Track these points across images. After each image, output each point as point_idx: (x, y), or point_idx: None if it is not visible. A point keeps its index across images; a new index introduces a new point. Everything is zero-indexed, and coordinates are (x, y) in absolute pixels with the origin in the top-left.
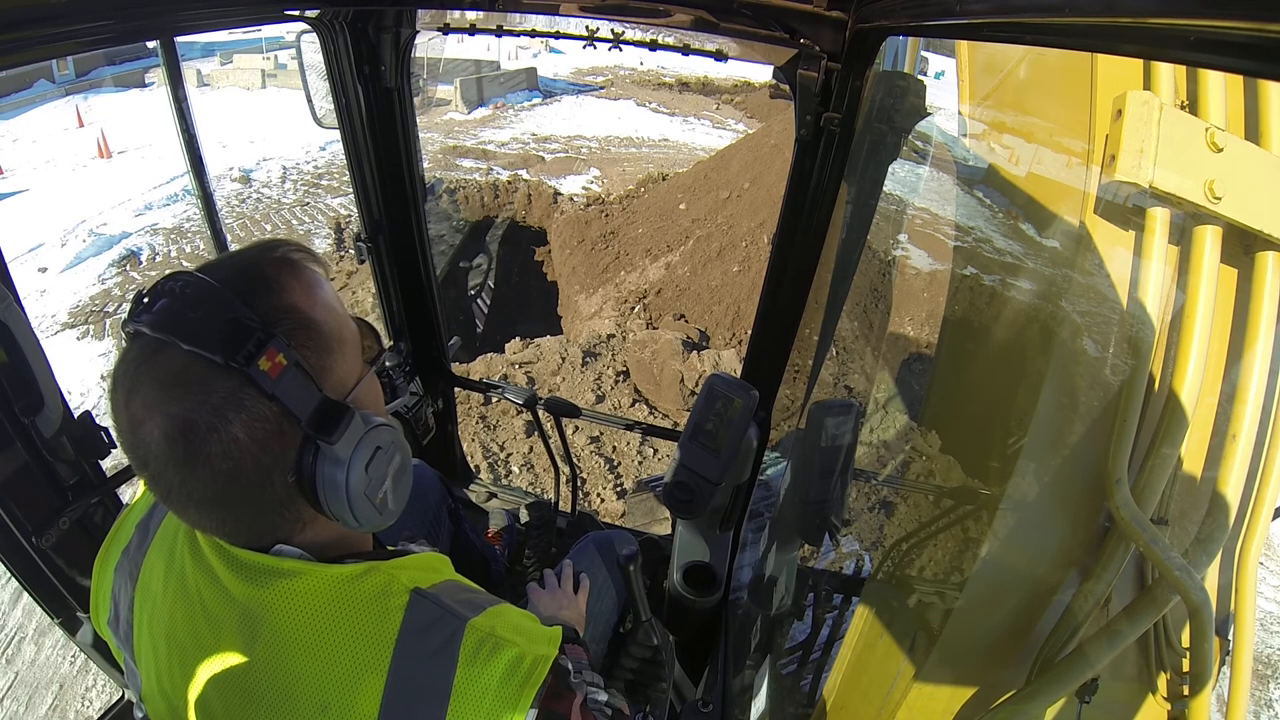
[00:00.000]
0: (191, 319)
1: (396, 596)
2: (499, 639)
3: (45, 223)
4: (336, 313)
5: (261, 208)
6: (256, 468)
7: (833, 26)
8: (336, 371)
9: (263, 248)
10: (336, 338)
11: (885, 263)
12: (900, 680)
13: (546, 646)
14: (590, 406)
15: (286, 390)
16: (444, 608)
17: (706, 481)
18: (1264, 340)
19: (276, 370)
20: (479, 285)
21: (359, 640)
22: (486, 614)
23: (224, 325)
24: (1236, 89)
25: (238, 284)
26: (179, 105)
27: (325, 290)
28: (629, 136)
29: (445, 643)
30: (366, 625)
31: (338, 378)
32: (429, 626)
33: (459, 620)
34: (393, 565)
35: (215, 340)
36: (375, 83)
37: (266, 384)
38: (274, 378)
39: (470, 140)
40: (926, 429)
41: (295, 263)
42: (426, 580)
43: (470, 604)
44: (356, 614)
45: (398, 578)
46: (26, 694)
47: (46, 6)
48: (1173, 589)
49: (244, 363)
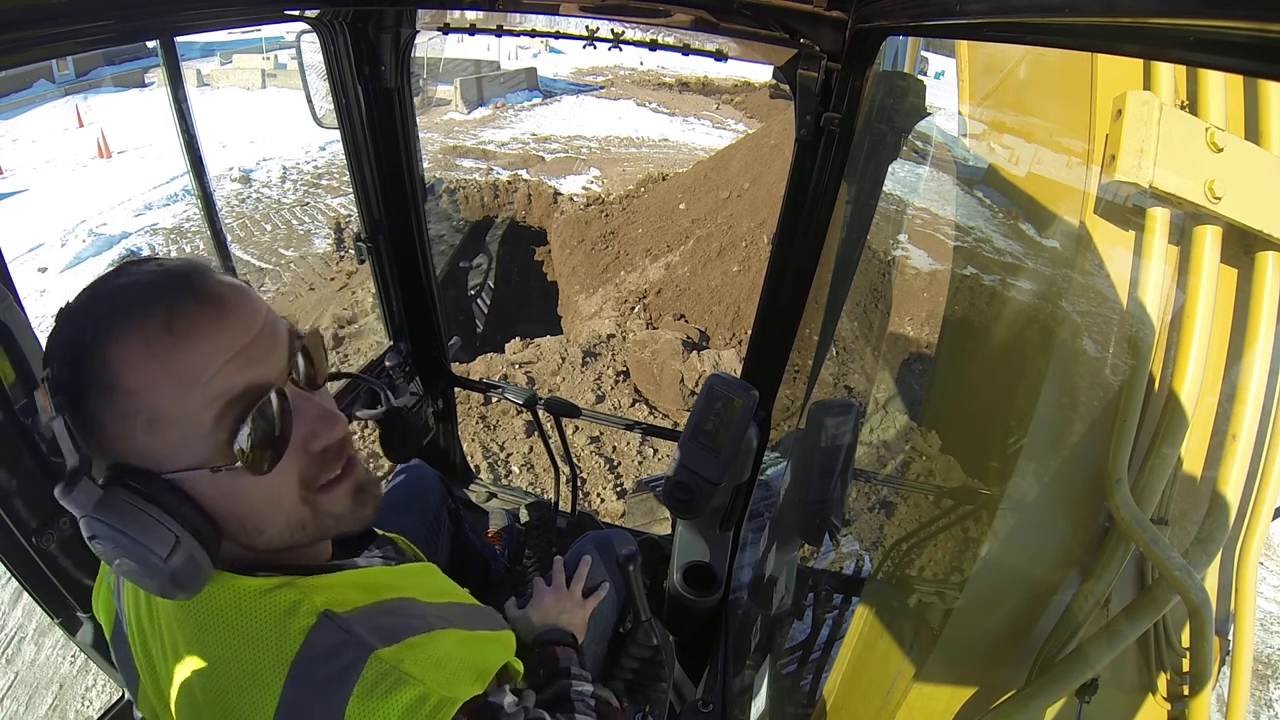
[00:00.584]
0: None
1: (303, 618)
2: (402, 675)
3: (45, 223)
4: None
5: (261, 208)
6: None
7: (833, 26)
8: (136, 444)
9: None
10: (144, 415)
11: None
12: (900, 680)
13: (465, 687)
14: (590, 406)
15: (56, 432)
16: (350, 634)
17: (706, 481)
18: (1264, 340)
19: (46, 411)
20: (479, 285)
21: (256, 657)
22: (402, 645)
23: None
24: (1236, 89)
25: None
26: (179, 105)
27: (159, 359)
28: (629, 136)
29: (342, 672)
30: (265, 643)
31: (142, 450)
32: (329, 653)
33: (363, 650)
34: (311, 583)
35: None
36: (375, 83)
37: (45, 417)
38: (45, 417)
39: (470, 140)
40: (926, 429)
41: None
42: (349, 602)
43: (388, 631)
44: (257, 630)
45: (310, 598)
46: (26, 694)
47: (46, 6)
48: (1173, 589)
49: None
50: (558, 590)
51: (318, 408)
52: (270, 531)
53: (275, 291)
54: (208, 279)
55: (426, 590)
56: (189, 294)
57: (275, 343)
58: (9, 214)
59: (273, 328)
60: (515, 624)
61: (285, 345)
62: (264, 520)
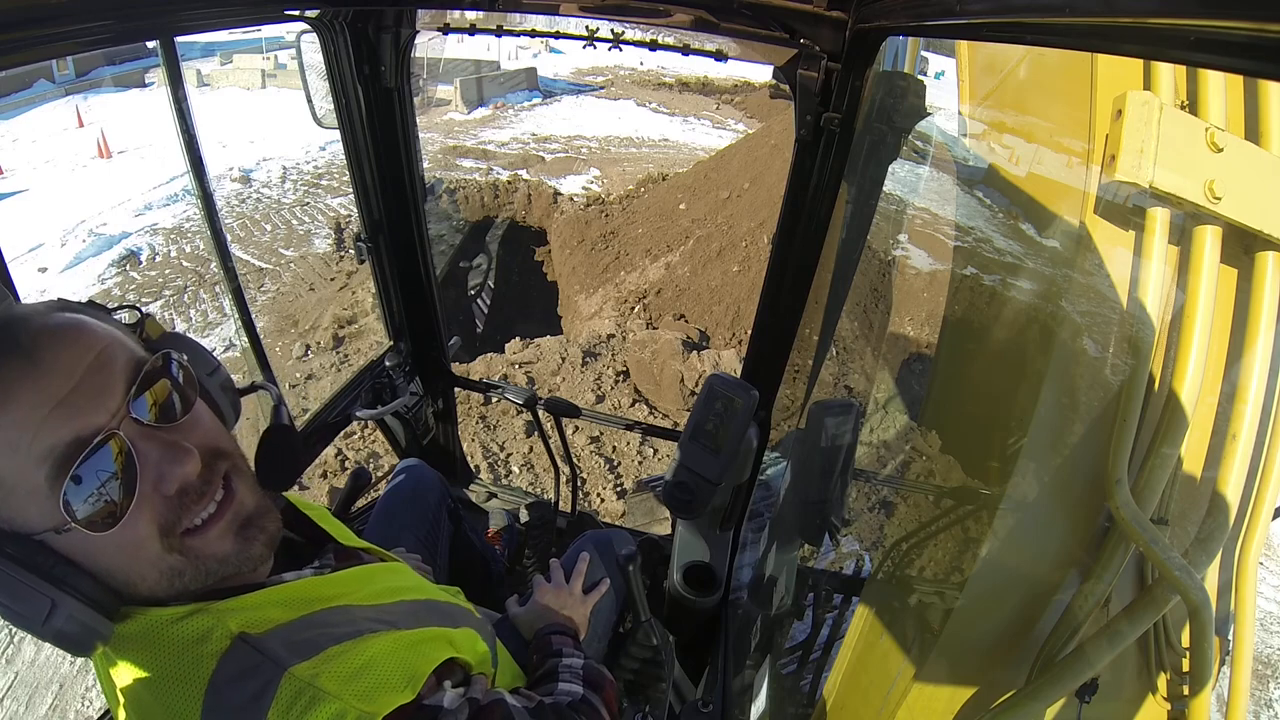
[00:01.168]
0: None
1: (215, 643)
2: (318, 690)
3: (45, 223)
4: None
5: (261, 208)
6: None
7: (833, 26)
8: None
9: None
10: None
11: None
12: (900, 680)
13: (389, 696)
14: (590, 406)
15: None
16: (265, 654)
17: (706, 481)
18: (1264, 340)
19: None
20: (479, 285)
21: (168, 688)
22: (319, 658)
23: None
24: (1236, 89)
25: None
26: (179, 105)
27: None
28: (629, 136)
29: (257, 694)
30: (179, 672)
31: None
32: (242, 676)
33: (277, 669)
34: (225, 607)
35: None
36: (375, 83)
37: None
38: None
39: (470, 140)
40: (926, 429)
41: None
42: (267, 621)
43: (306, 645)
44: (170, 660)
45: (224, 622)
46: (26, 694)
47: (46, 6)
48: (1173, 589)
49: None
50: (558, 587)
51: (163, 445)
52: (144, 584)
53: (275, 291)
54: (16, 332)
55: (365, 594)
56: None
57: (105, 383)
58: (9, 214)
59: (102, 367)
60: (515, 621)
61: (121, 382)
62: (132, 574)
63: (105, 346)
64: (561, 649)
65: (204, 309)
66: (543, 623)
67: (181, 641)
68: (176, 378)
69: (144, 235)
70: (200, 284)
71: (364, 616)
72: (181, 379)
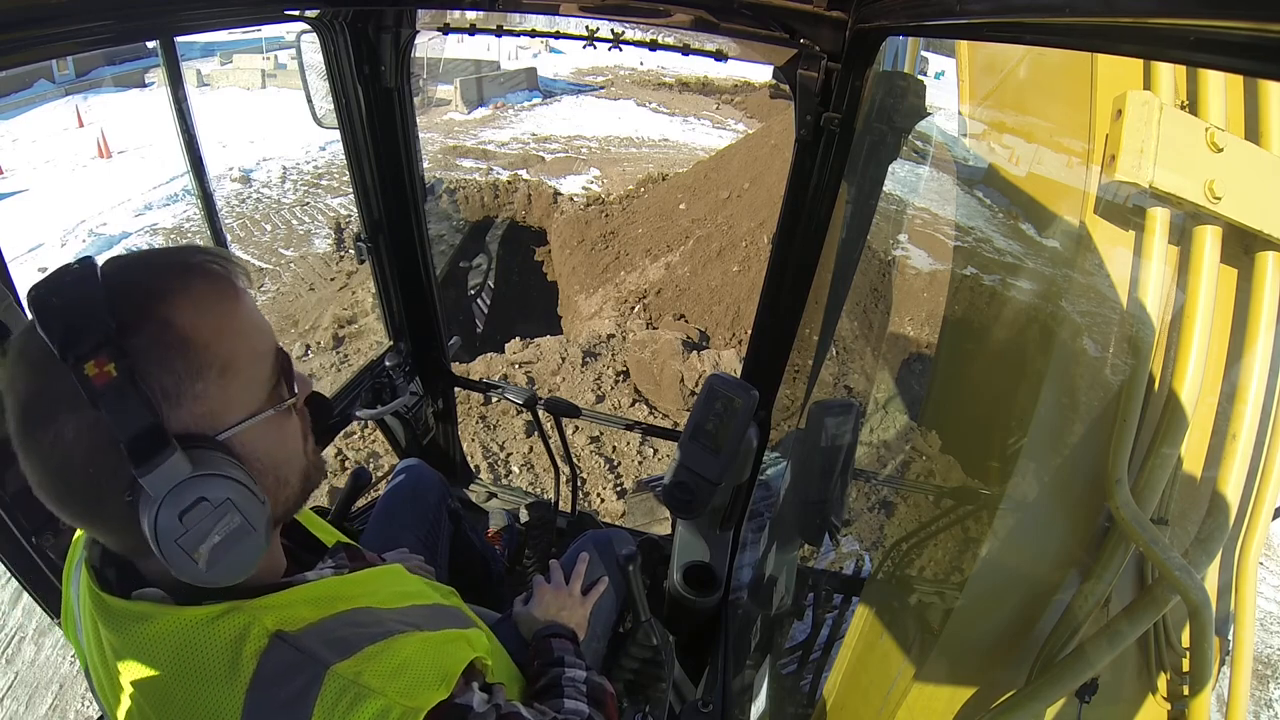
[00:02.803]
0: (52, 304)
1: (254, 641)
2: (362, 688)
3: (45, 223)
4: (231, 339)
5: (261, 208)
6: (86, 476)
7: (833, 26)
8: (207, 401)
9: (183, 251)
10: (218, 365)
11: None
12: (900, 680)
13: (428, 693)
14: (590, 406)
15: (110, 404)
16: (305, 653)
17: (706, 481)
18: (1264, 340)
19: (102, 379)
20: (479, 285)
21: (209, 689)
22: (359, 656)
23: (75, 318)
24: (1236, 89)
25: (117, 281)
26: (179, 105)
27: (224, 312)
28: (629, 136)
29: (301, 693)
30: (216, 673)
31: (206, 409)
32: (285, 675)
33: (319, 666)
34: (260, 605)
35: (60, 332)
36: (375, 83)
37: (90, 391)
38: (98, 387)
39: (470, 140)
40: (926, 429)
41: (199, 273)
42: (301, 620)
43: (344, 644)
44: (206, 661)
45: (260, 620)
46: (26, 694)
47: (46, 6)
48: (1173, 589)
49: (75, 362)
50: (558, 587)
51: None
52: (292, 483)
53: (275, 291)
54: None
55: (385, 595)
56: (225, 261)
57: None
58: (9, 214)
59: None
60: (517, 621)
61: None
62: (290, 469)
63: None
64: (563, 657)
65: None
66: (542, 623)
67: (220, 641)
68: None
69: (144, 235)
70: None
71: (389, 618)
72: None
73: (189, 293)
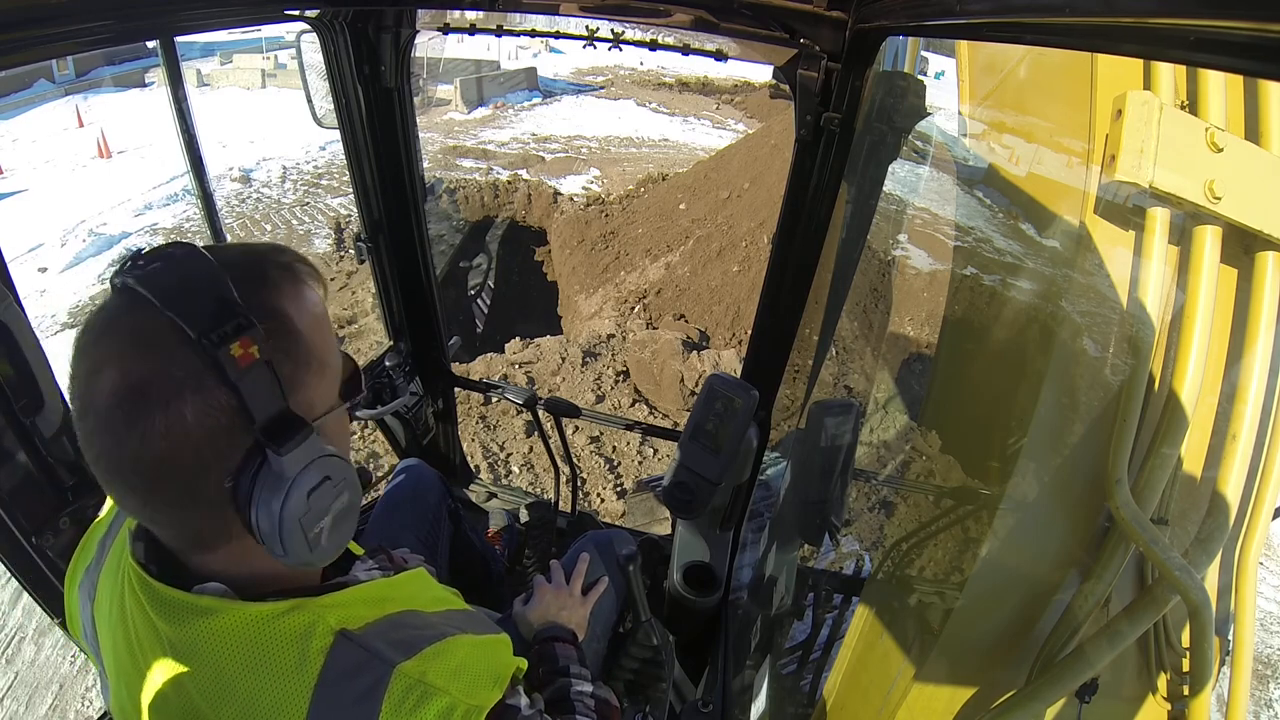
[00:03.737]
0: (179, 285)
1: (320, 639)
2: (428, 687)
3: (45, 223)
4: (325, 336)
5: (261, 208)
6: (196, 458)
7: (833, 26)
8: (308, 391)
9: (272, 248)
10: (318, 359)
11: (885, 263)
12: (900, 680)
13: (486, 693)
14: (590, 406)
15: (250, 385)
16: (371, 651)
17: (706, 481)
18: (1264, 340)
19: (246, 360)
20: (479, 285)
21: (276, 685)
22: (421, 656)
23: (208, 300)
24: (1236, 89)
25: (236, 270)
26: (179, 105)
27: (319, 310)
28: (629, 136)
29: (369, 690)
30: (284, 669)
31: (307, 398)
32: (352, 672)
33: (385, 665)
34: (322, 603)
35: (194, 312)
36: (375, 83)
37: (232, 371)
38: (241, 368)
39: (470, 140)
40: (926, 429)
41: (298, 274)
42: (360, 619)
43: (405, 644)
44: (274, 656)
45: (324, 618)
46: (26, 694)
47: (46, 6)
48: (1173, 589)
49: (216, 342)
50: (558, 587)
51: None
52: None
53: None
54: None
55: (425, 599)
56: (310, 265)
57: None
58: (9, 214)
59: None
60: (517, 621)
61: None
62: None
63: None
64: (568, 666)
65: None
66: (542, 624)
67: (288, 636)
68: None
69: (144, 235)
70: None
71: (436, 621)
72: None
73: (297, 290)
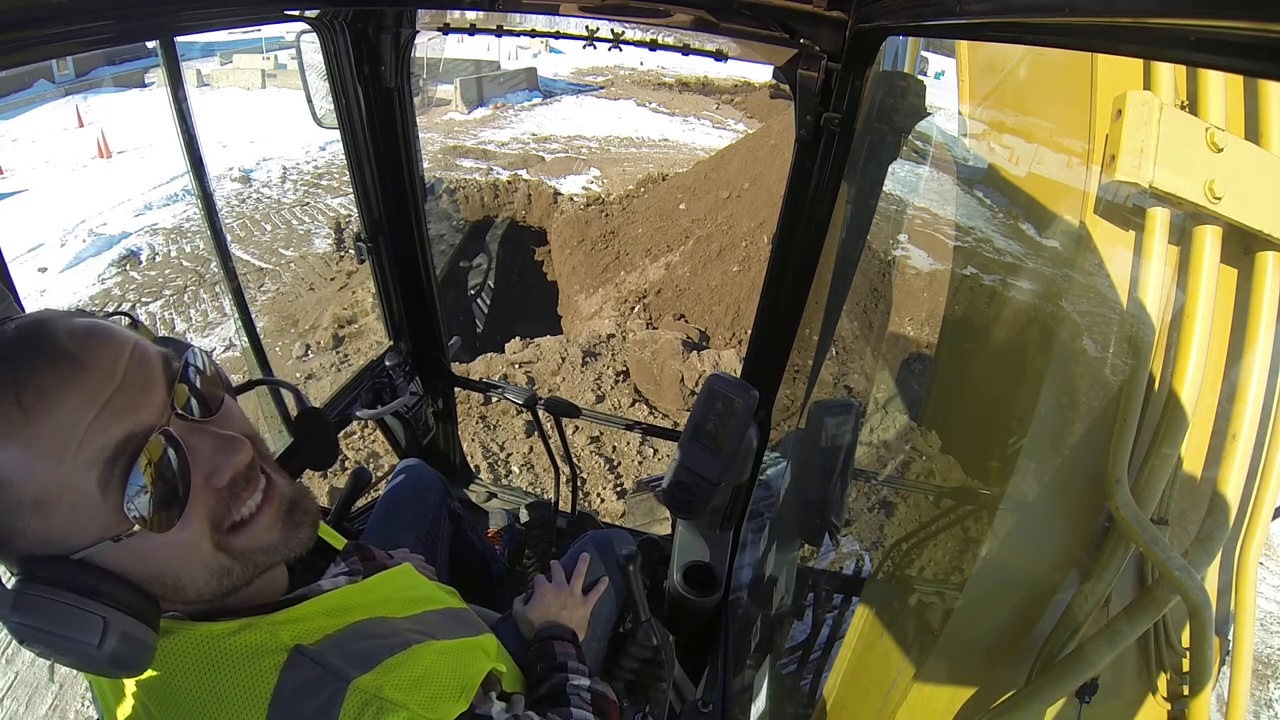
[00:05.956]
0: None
1: (272, 656)
2: (384, 701)
3: (45, 223)
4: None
5: (261, 208)
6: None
7: (833, 26)
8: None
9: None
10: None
11: (885, 263)
12: (900, 680)
13: (449, 705)
14: (590, 406)
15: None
16: (325, 667)
17: (706, 481)
18: (1264, 340)
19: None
20: (479, 285)
21: (229, 706)
22: (380, 669)
23: None
24: (1236, 89)
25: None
26: (179, 105)
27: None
28: (629, 136)
29: (324, 707)
30: (236, 689)
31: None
32: (306, 689)
33: (340, 681)
34: (274, 620)
35: None
36: (375, 83)
37: None
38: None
39: (470, 140)
40: (926, 429)
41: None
42: (318, 632)
43: (363, 657)
44: (226, 677)
45: (277, 635)
46: (26, 694)
47: (46, 6)
48: (1173, 589)
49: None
50: (558, 587)
51: (213, 438)
52: (194, 586)
53: (275, 291)
54: (51, 334)
55: (398, 602)
56: (33, 358)
57: (147, 381)
58: (9, 214)
59: (140, 365)
60: (517, 621)
61: (161, 379)
62: (183, 577)
63: (136, 343)
64: (566, 662)
65: (204, 309)
66: (542, 623)
67: (239, 656)
68: (205, 371)
69: (144, 235)
70: (200, 284)
71: (404, 628)
72: (209, 372)
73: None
